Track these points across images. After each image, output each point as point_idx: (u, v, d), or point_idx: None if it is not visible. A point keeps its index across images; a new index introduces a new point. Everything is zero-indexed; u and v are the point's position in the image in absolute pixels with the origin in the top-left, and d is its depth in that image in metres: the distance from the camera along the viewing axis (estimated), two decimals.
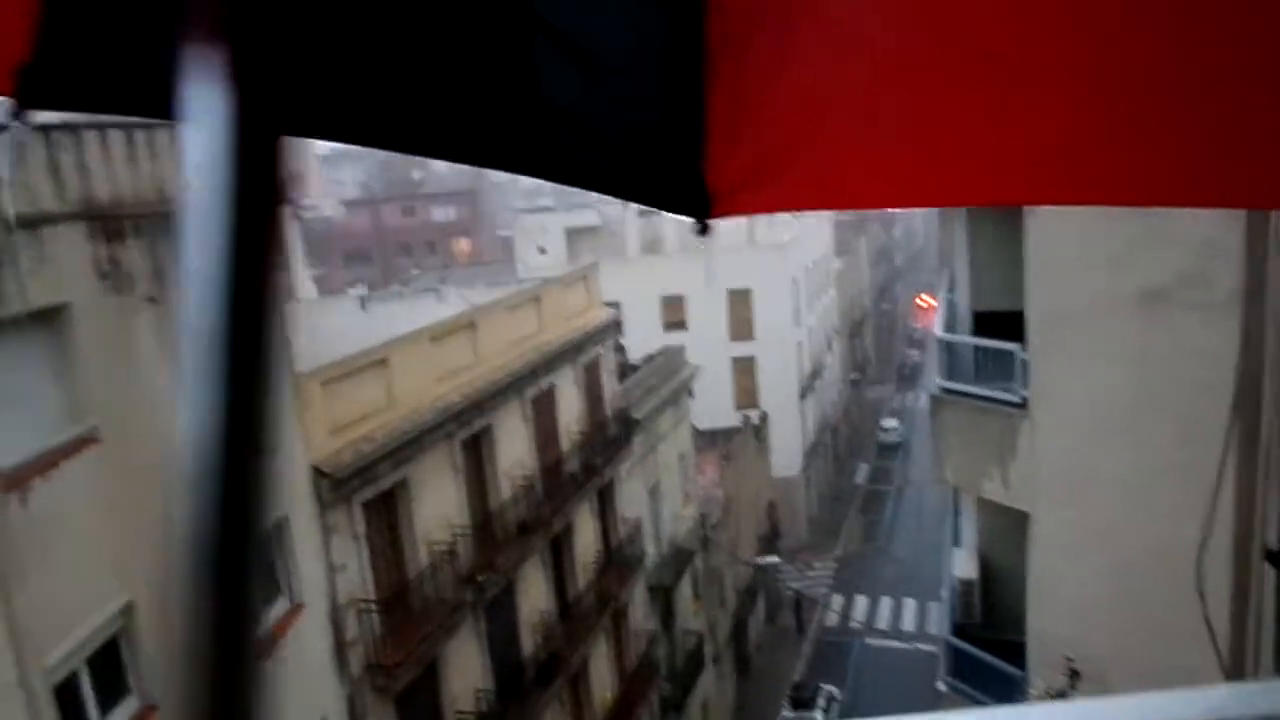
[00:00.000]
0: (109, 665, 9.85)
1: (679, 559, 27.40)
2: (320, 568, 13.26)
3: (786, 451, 40.89)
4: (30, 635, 8.33)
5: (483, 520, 17.36)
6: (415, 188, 75.28)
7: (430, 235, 71.51)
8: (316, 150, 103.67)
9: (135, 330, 9.75)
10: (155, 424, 9.85)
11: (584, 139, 1.40)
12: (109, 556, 9.53)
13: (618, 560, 23.01)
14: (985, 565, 14.33)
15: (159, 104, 1.36)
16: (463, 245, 71.09)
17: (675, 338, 35.74)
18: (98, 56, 1.29)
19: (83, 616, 9.19)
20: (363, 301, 23.04)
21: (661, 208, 1.42)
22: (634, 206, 47.85)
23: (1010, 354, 12.69)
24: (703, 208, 1.38)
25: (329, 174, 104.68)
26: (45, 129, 10.00)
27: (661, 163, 1.39)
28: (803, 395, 43.47)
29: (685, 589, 27.93)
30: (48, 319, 9.14)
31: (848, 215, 56.41)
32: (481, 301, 19.76)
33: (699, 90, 1.33)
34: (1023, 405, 12.32)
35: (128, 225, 9.85)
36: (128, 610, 9.82)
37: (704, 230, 1.39)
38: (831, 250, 53.20)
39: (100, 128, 10.65)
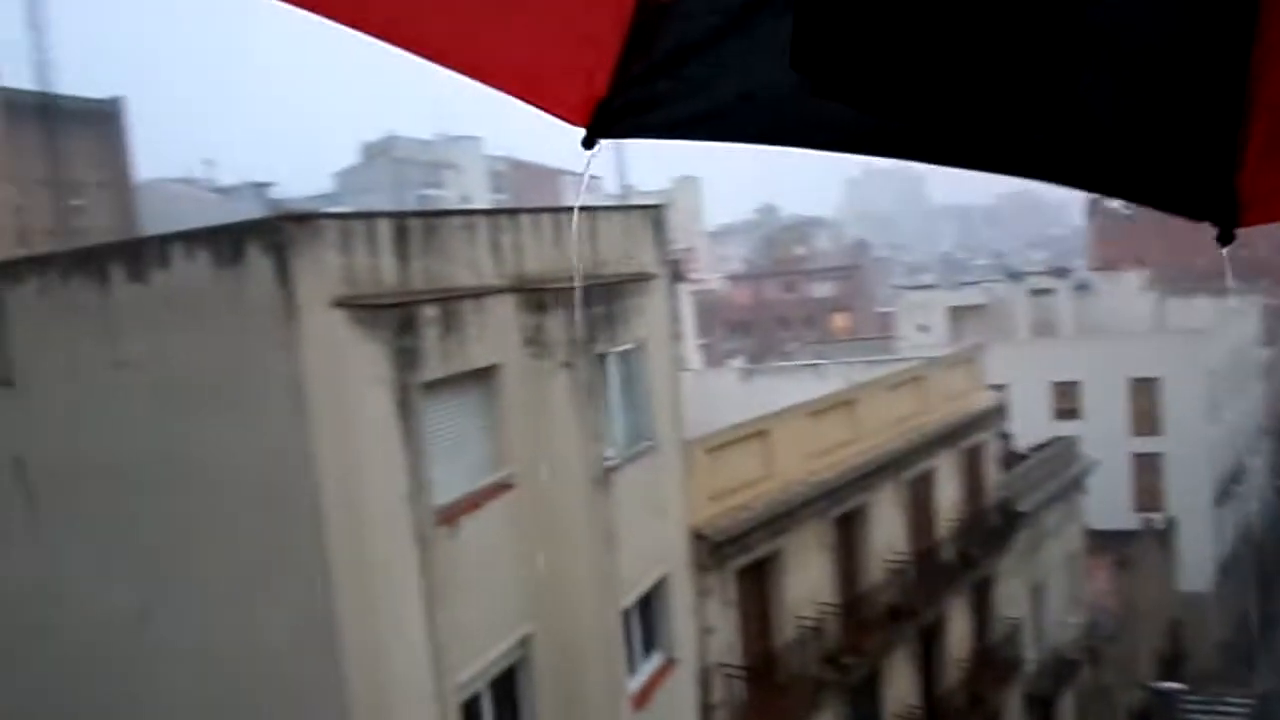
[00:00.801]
0: (507, 691, 10.90)
1: (1062, 669, 25.09)
2: (693, 628, 13.78)
3: (1196, 564, 36.19)
4: (447, 652, 9.47)
5: (851, 600, 17.11)
6: (798, 263, 76.88)
7: (809, 310, 72.54)
8: (704, 227, 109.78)
9: (551, 391, 10.89)
10: (561, 476, 10.89)
11: (1113, 145, 1.43)
12: (516, 590, 10.61)
13: (993, 661, 21.55)
14: None
15: (727, 130, 1.58)
16: (840, 320, 71.29)
17: (1067, 427, 33.17)
18: (665, 93, 1.50)
19: (491, 642, 10.28)
20: (745, 373, 23.89)
21: (1185, 215, 1.44)
22: (1024, 285, 45.41)
23: None
24: (1230, 216, 1.40)
25: (716, 249, 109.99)
26: (491, 213, 11.60)
27: (1190, 169, 1.41)
28: (1218, 501, 38.35)
29: (1067, 703, 25.45)
30: (482, 378, 10.50)
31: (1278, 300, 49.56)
32: (861, 379, 19.71)
33: (1239, 97, 1.33)
34: None
35: (550, 298, 11.07)
36: (526, 641, 10.84)
37: (1228, 239, 1.40)
38: (1258, 338, 46.86)
39: (534, 212, 12.16)
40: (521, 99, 1.50)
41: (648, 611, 13.00)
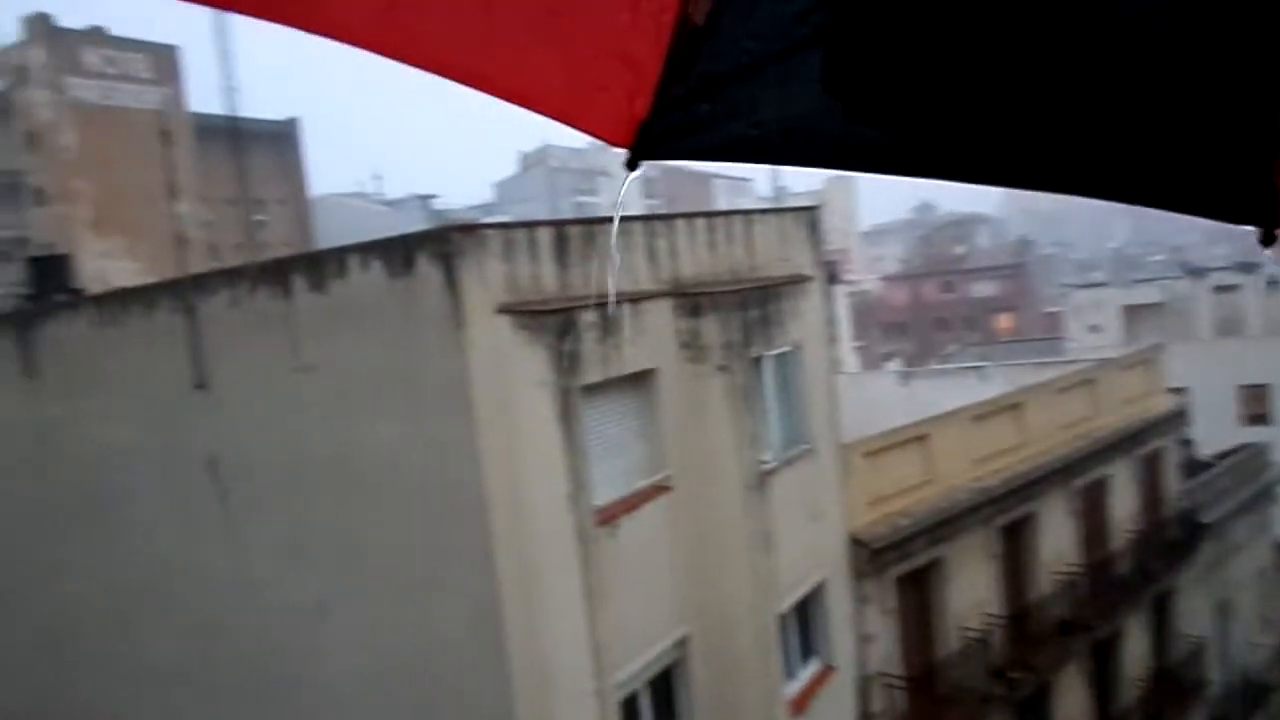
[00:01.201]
0: (664, 691, 10.99)
1: (1250, 693, 23.35)
2: (851, 635, 13.55)
3: None
4: (607, 651, 9.64)
5: (1019, 612, 16.45)
6: (957, 262, 74.45)
7: (970, 310, 70.14)
8: (859, 227, 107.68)
9: (706, 395, 10.94)
10: (717, 479, 10.92)
11: (1149, 155, 1.40)
12: (672, 592, 10.71)
13: (1173, 682, 20.26)
14: None
15: (767, 153, 1.59)
16: (1004, 321, 68.60)
17: (1256, 433, 30.89)
18: (704, 117, 1.51)
19: (649, 642, 10.40)
20: (903, 376, 23.32)
21: (1226, 219, 1.43)
22: (1206, 282, 42.56)
23: None
24: (1272, 217, 1.37)
25: (871, 249, 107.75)
26: (646, 218, 11.74)
27: (1229, 172, 1.38)
28: None
29: None
30: (639, 381, 10.64)
31: None
32: (1028, 381, 18.92)
33: (1276, 96, 1.30)
34: None
35: (705, 302, 11.12)
36: (683, 643, 10.91)
37: (1270, 241, 1.38)
38: None
39: (689, 216, 12.23)
40: (566, 123, 1.52)
41: (805, 617, 12.86)
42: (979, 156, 1.44)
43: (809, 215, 14.32)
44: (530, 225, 10.09)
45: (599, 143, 1.61)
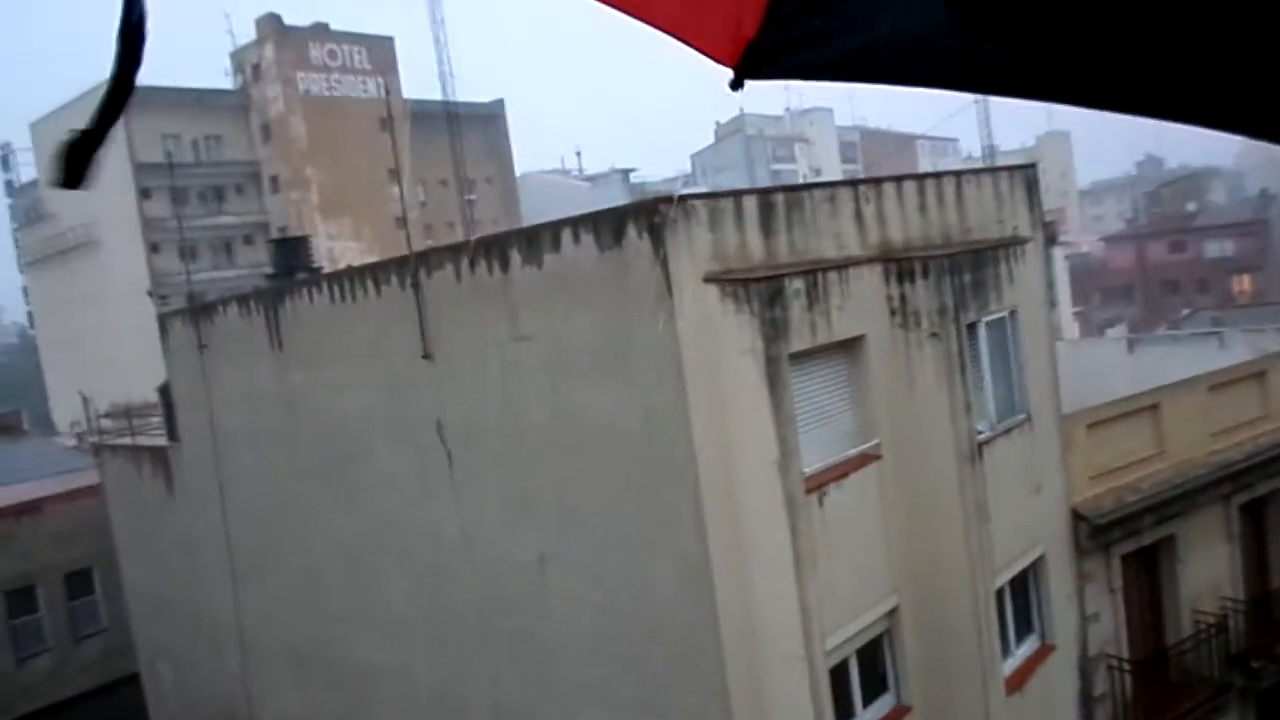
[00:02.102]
0: (873, 661, 10.90)
1: None
2: (1072, 613, 12.95)
3: None
4: (817, 618, 9.65)
5: (1261, 597, 15.21)
6: (1188, 220, 68.70)
7: (1203, 272, 64.61)
8: (1076, 185, 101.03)
9: (918, 362, 10.67)
10: (927, 448, 10.66)
11: None
12: (881, 562, 10.58)
13: None
14: None
15: (880, 71, 1.50)
16: (1242, 283, 62.86)
17: None
18: (818, 32, 1.44)
19: (858, 611, 10.33)
20: (1130, 343, 21.85)
21: None
22: None
23: None
24: None
25: (1090, 209, 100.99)
26: (854, 183, 11.52)
27: None
28: None
29: None
30: (848, 348, 10.52)
31: None
32: (1273, 349, 17.33)
33: None
34: None
35: (916, 267, 10.82)
36: (893, 614, 10.77)
37: None
38: None
39: (898, 180, 11.92)
40: (674, 36, 1.49)
41: (1023, 592, 12.39)
42: (1108, 80, 1.28)
43: (1025, 174, 13.64)
44: (736, 194, 10.12)
45: (798, 109, 1.60)
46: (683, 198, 9.76)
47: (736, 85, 1.50)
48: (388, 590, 13.24)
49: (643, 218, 9.44)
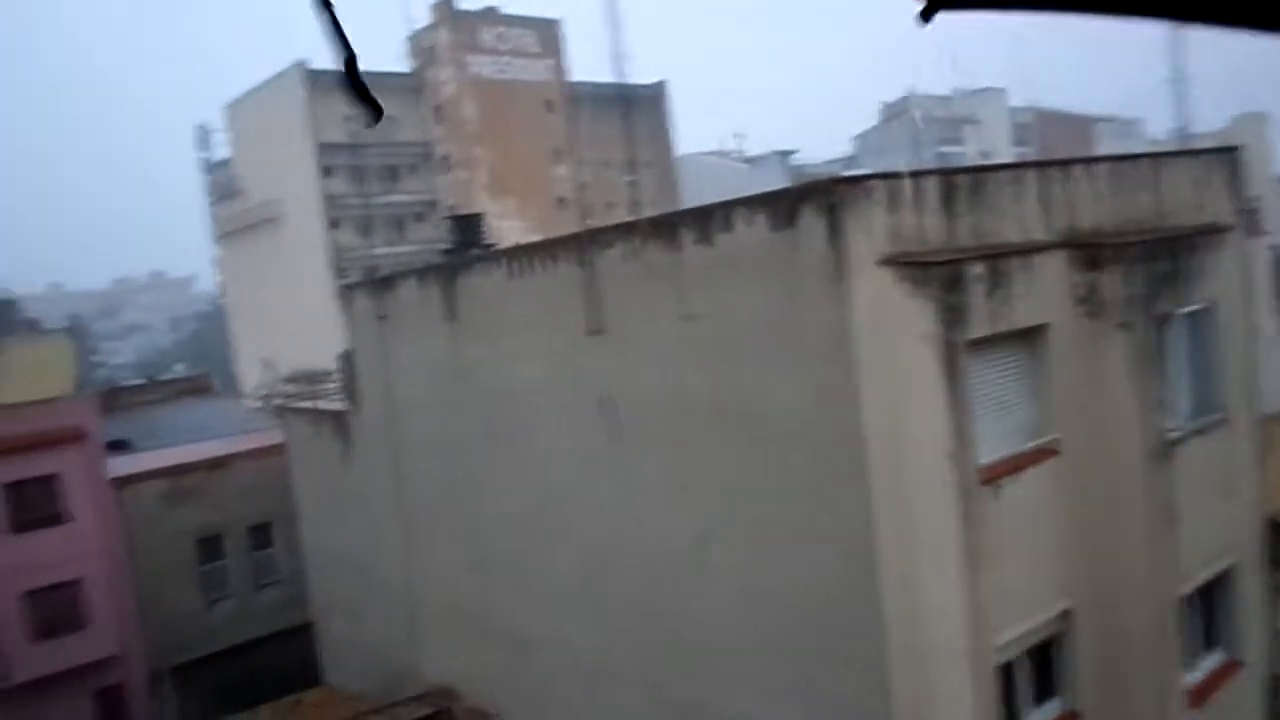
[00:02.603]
0: (1043, 663, 10.49)
1: None
2: (1262, 629, 12.10)
3: None
4: (986, 614, 9.36)
5: None
6: None
7: None
8: (1275, 170, 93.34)
9: (1104, 354, 10.15)
10: (1112, 445, 10.14)
11: None
12: (1056, 561, 10.15)
13: None
14: None
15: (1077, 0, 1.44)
16: None
17: None
18: None
19: (1029, 611, 9.95)
20: None
21: None
22: None
23: None
24: None
25: None
26: (1041, 164, 11.02)
27: None
28: None
29: None
30: (1029, 337, 10.10)
31: None
32: None
33: None
34: None
35: (1106, 254, 10.28)
36: (1066, 615, 10.32)
37: None
38: None
39: (1088, 161, 11.33)
40: None
41: (1209, 603, 11.65)
42: None
43: (1226, 158, 12.74)
44: (916, 175, 9.84)
45: (968, 89, 1.53)
46: (860, 178, 9.58)
47: (927, 16, 1.47)
48: (550, 560, 13.61)
49: (818, 198, 9.31)
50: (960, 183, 9.95)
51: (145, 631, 25.75)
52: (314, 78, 48.06)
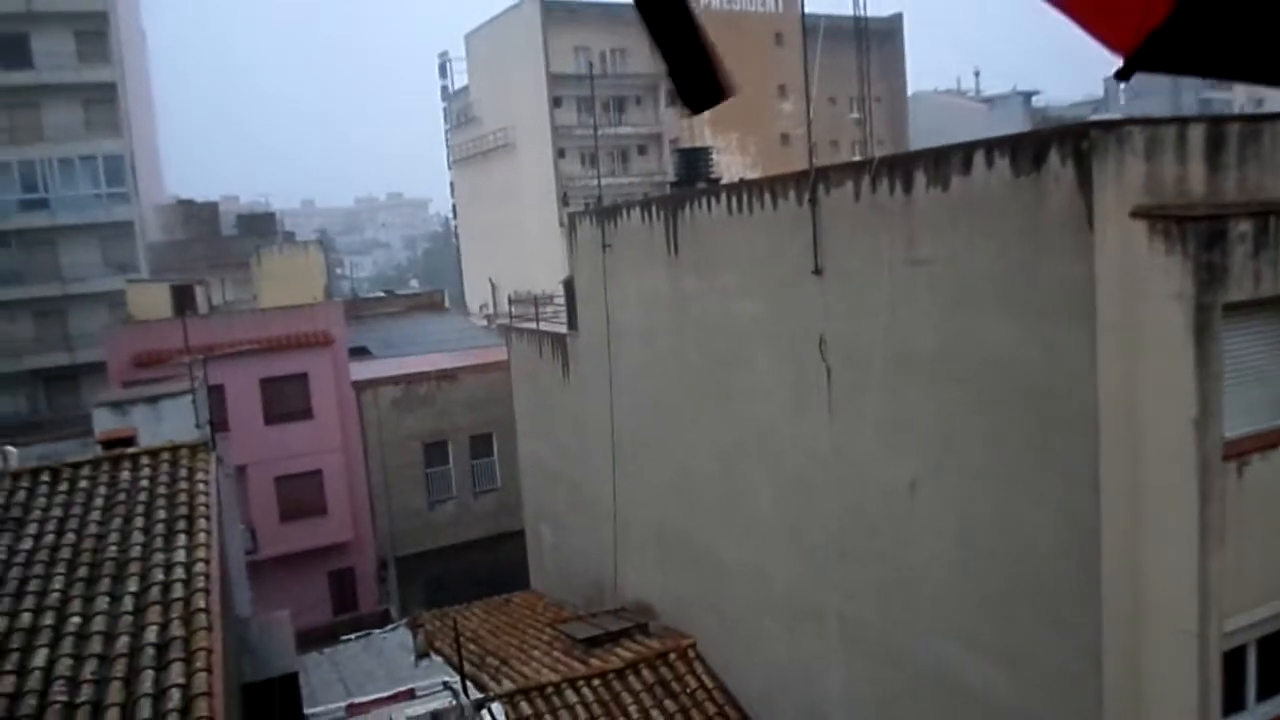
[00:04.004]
0: (1274, 653, 9.79)
1: None
2: None
3: None
4: (1216, 596, 8.81)
5: None
6: None
7: None
8: None
9: None
10: None
11: None
12: None
13: None
14: None
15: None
16: None
17: None
18: (1235, 25, 1.35)
19: (1266, 597, 9.28)
20: None
21: None
22: None
23: None
24: None
25: None
26: None
27: None
28: None
29: None
30: None
31: None
32: None
33: None
34: None
35: None
36: None
37: None
38: None
39: None
40: (1071, 16, 1.44)
41: None
42: None
43: None
44: (1181, 121, 9.13)
45: None
46: (1117, 123, 8.98)
47: (1124, 76, 1.48)
48: (754, 493, 13.84)
49: (1068, 143, 8.83)
50: (1230, 132, 9.15)
51: (374, 523, 28.17)
52: (548, 9, 49.21)
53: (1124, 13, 1.42)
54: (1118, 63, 1.46)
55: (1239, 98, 67.12)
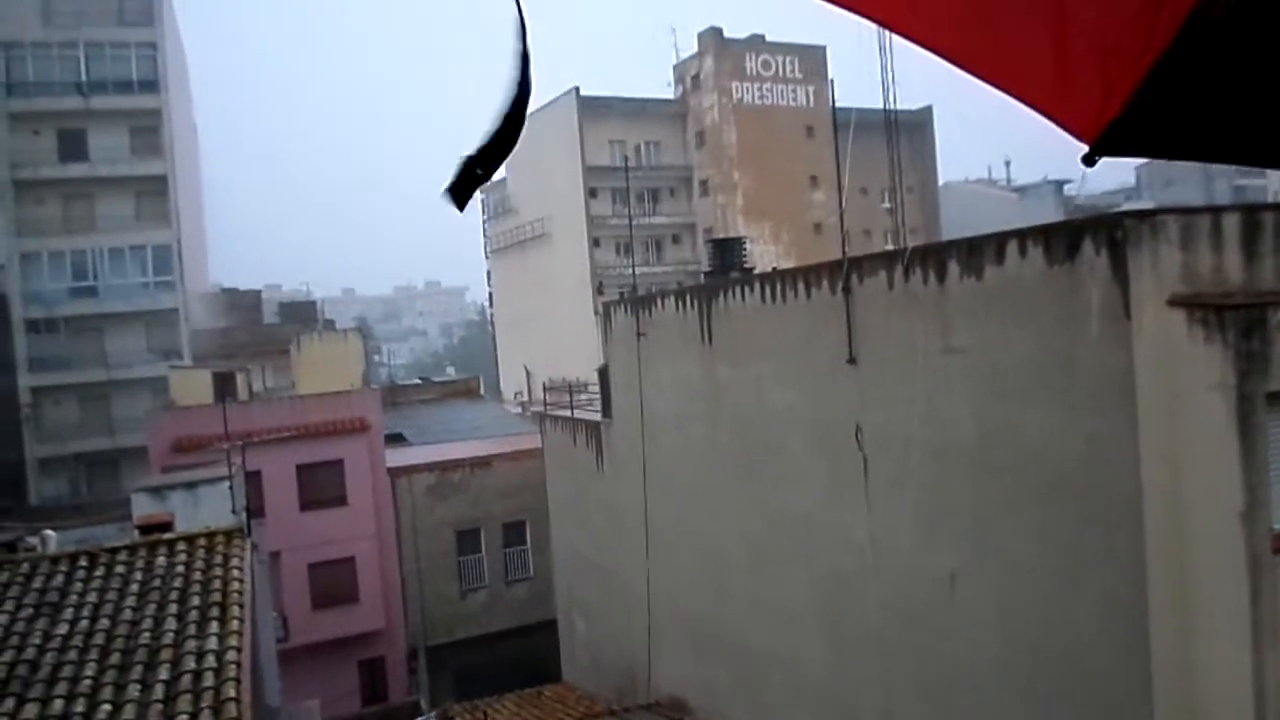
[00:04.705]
0: None
1: None
2: None
3: None
4: (1275, 698, 8.47)
5: None
6: None
7: None
8: None
9: None
10: None
11: None
12: None
13: None
14: None
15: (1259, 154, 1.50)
16: None
17: None
18: (1193, 113, 1.44)
19: None
20: None
21: None
22: None
23: None
24: None
25: None
26: None
27: None
28: None
29: None
30: None
31: None
32: None
33: None
34: None
35: None
36: None
37: None
38: None
39: None
40: (1034, 107, 1.51)
41: None
42: None
43: None
44: (1215, 210, 9.15)
45: None
46: (1150, 212, 9.02)
47: (1090, 161, 1.56)
48: (789, 583, 13.62)
49: (1102, 232, 8.86)
50: (1266, 220, 9.14)
51: (406, 612, 27.95)
52: (585, 104, 50.55)
53: (1084, 104, 1.50)
54: (1083, 149, 1.56)
55: (1273, 183, 67.06)
